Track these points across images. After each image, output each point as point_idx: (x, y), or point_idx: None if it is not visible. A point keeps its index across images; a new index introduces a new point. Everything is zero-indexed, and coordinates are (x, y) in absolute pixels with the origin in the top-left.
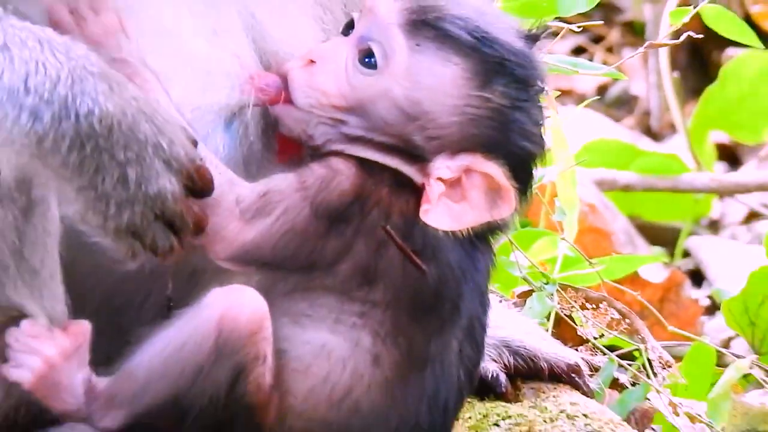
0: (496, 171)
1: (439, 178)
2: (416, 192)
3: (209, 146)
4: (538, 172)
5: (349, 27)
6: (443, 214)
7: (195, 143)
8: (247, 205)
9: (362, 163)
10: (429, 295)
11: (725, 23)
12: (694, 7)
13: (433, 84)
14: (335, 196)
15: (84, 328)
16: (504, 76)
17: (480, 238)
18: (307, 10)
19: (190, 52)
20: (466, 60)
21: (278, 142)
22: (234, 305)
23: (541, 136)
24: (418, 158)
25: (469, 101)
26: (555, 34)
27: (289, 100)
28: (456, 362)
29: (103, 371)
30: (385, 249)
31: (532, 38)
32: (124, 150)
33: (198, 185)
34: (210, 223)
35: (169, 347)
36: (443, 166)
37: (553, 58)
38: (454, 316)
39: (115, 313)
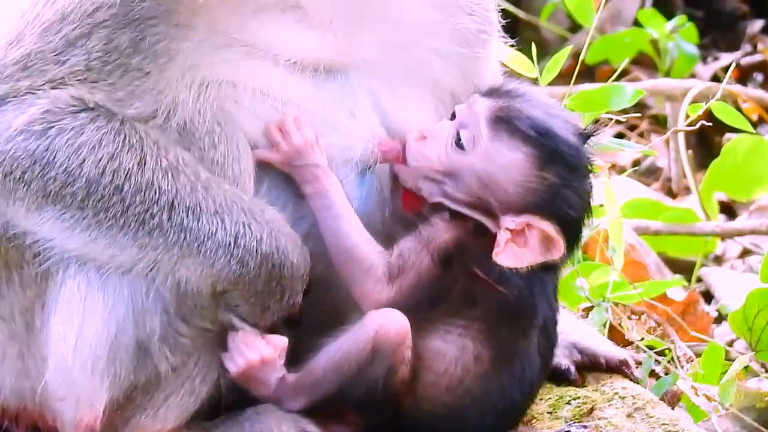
0: (549, 227)
1: (507, 229)
2: (494, 238)
3: (348, 194)
4: (587, 227)
5: (453, 115)
6: (509, 255)
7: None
8: (389, 271)
9: (455, 215)
10: (511, 308)
11: (728, 115)
12: (705, 104)
13: (505, 164)
14: (443, 243)
15: (282, 341)
16: (558, 162)
17: (544, 269)
18: (424, 99)
19: (338, 127)
20: (530, 148)
21: (403, 196)
22: (386, 323)
23: (584, 206)
24: (492, 214)
25: (530, 178)
26: (606, 124)
27: (404, 161)
28: (536, 353)
29: (290, 366)
30: (479, 279)
31: (584, 135)
32: (290, 281)
33: (306, 288)
34: (360, 288)
35: (339, 352)
36: (510, 221)
37: (605, 140)
38: (532, 321)
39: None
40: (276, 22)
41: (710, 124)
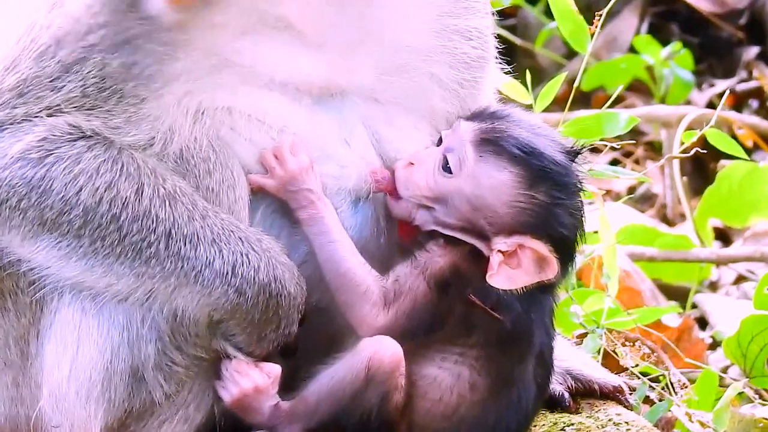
0: (542, 247)
1: (499, 251)
2: (488, 261)
3: (343, 222)
4: (584, 248)
5: (440, 141)
6: (503, 277)
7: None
8: (385, 295)
9: (450, 240)
10: (508, 335)
11: (723, 142)
12: (700, 131)
13: (492, 184)
14: (439, 269)
15: (275, 369)
16: (546, 180)
17: (541, 291)
18: (420, 127)
19: (333, 156)
20: (517, 168)
21: (398, 225)
22: (379, 350)
23: (576, 224)
24: (484, 237)
25: (519, 198)
26: (600, 150)
27: (394, 191)
28: (532, 380)
29: (284, 393)
30: (475, 306)
31: (573, 153)
32: (287, 310)
33: (302, 318)
34: (356, 313)
35: (333, 379)
36: (502, 243)
37: (600, 167)
38: (529, 348)
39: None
40: (270, 43)
41: (705, 150)
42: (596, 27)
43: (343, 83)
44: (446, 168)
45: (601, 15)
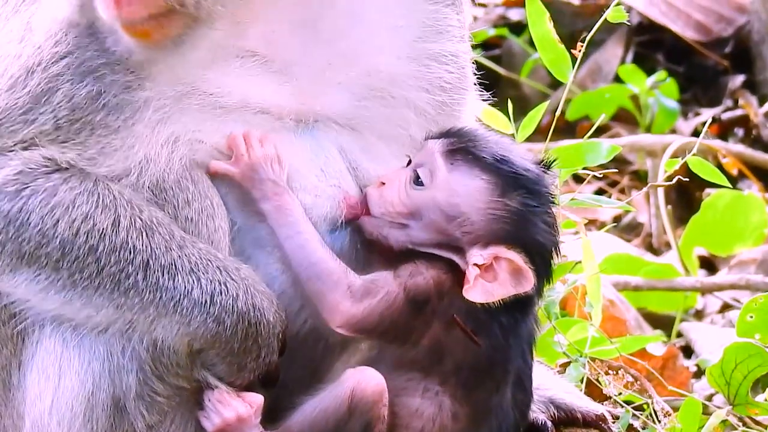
0: (517, 258)
1: (475, 264)
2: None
3: None
4: (568, 278)
5: (409, 161)
6: (479, 291)
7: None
8: (357, 289)
9: (427, 259)
10: (485, 363)
11: (705, 170)
12: (682, 159)
13: (465, 192)
14: (420, 284)
15: (257, 399)
16: (519, 188)
17: (518, 311)
18: (399, 156)
19: (306, 183)
20: (489, 175)
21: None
22: (362, 381)
23: (551, 234)
24: (460, 250)
25: (492, 205)
26: (583, 180)
27: (368, 212)
28: (511, 406)
29: (267, 423)
30: (452, 329)
31: (544, 164)
32: (267, 339)
33: (282, 346)
34: (329, 300)
35: (316, 410)
36: (477, 254)
37: (583, 197)
38: (505, 375)
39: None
40: (237, 71)
41: (688, 179)
42: (579, 52)
43: (317, 109)
44: (418, 182)
45: (583, 43)
